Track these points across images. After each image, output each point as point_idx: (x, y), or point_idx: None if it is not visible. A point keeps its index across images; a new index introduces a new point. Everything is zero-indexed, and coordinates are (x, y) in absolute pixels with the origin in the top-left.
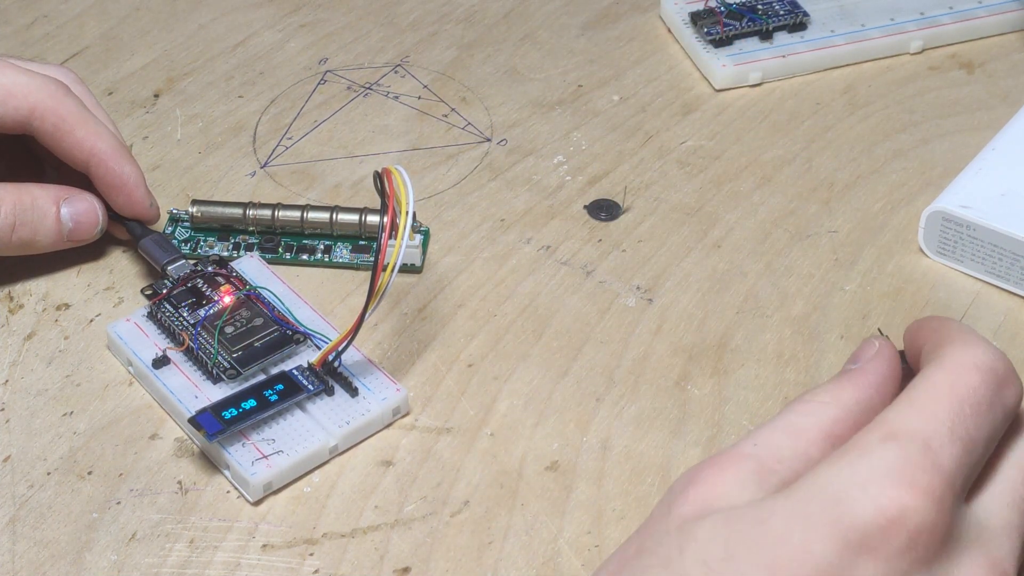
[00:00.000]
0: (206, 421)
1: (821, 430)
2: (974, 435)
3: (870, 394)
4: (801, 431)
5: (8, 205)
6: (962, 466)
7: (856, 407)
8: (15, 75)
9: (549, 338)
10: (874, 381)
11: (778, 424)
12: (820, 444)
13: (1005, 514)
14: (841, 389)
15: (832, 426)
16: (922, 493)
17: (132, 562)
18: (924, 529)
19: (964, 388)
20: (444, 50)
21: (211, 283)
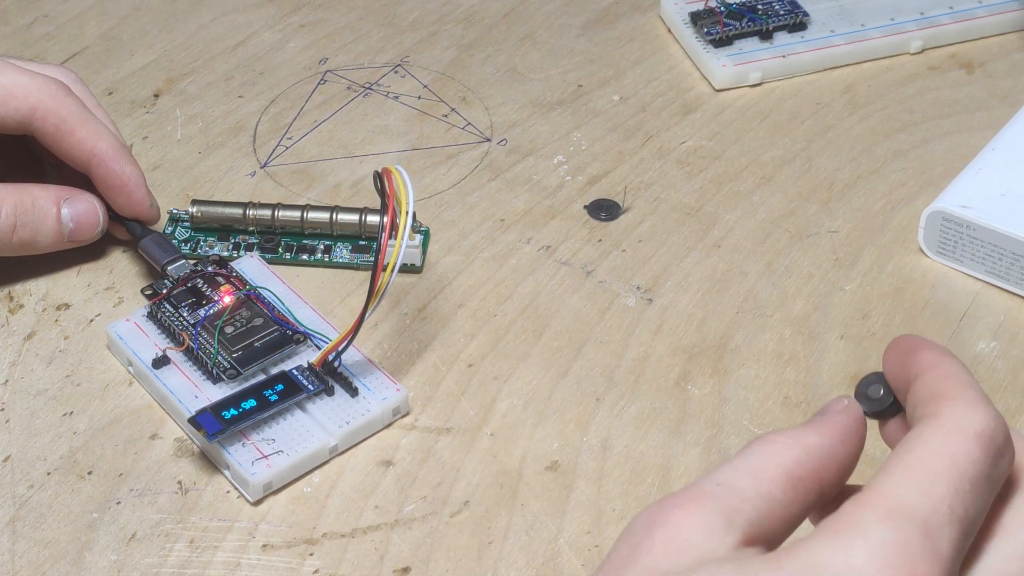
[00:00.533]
0: (206, 421)
1: (783, 470)
2: (972, 514)
3: (833, 442)
4: (763, 470)
5: (9, 206)
6: (959, 550)
7: (818, 451)
8: (16, 75)
9: (549, 338)
10: (839, 431)
11: (739, 464)
12: (782, 484)
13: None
14: (804, 433)
15: (794, 467)
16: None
17: (132, 562)
18: None
19: (965, 461)
20: (444, 50)
21: (211, 283)
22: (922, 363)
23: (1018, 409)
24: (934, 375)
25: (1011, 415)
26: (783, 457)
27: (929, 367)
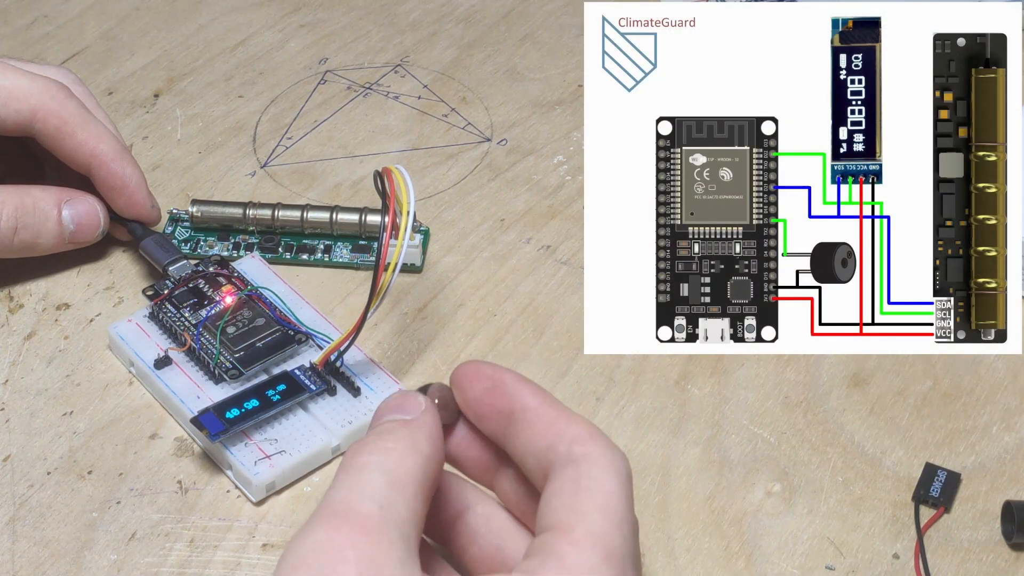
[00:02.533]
0: (208, 421)
1: (416, 480)
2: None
3: (435, 447)
4: (404, 485)
5: (9, 208)
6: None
7: (431, 460)
8: (16, 77)
9: (549, 338)
10: (435, 436)
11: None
12: (420, 496)
13: None
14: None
15: (423, 474)
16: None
17: (132, 562)
18: None
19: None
20: (444, 50)
21: (212, 283)
22: (525, 400)
23: (1018, 409)
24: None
25: (1011, 415)
26: (412, 468)
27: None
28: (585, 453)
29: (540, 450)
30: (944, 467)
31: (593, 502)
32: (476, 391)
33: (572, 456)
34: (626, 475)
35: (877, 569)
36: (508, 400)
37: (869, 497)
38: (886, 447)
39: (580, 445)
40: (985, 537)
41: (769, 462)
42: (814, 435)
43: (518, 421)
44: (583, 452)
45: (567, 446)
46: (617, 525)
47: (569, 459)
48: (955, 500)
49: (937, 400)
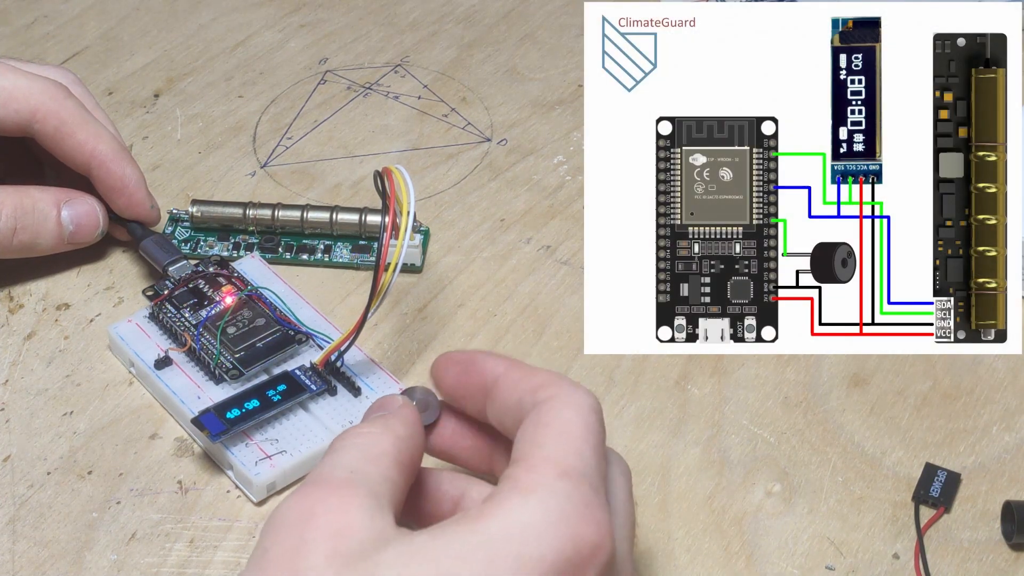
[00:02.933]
0: (209, 422)
1: (391, 457)
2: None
3: (413, 431)
4: (377, 458)
5: (9, 208)
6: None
7: (407, 440)
8: (15, 78)
9: (549, 338)
10: (412, 423)
11: (354, 453)
12: (395, 468)
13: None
14: (390, 425)
15: (396, 453)
16: (606, 531)
17: (132, 562)
18: (610, 559)
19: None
20: (444, 50)
21: (212, 284)
22: (493, 370)
23: (1018, 409)
24: (519, 372)
25: (1011, 415)
26: (385, 446)
27: (505, 370)
28: (548, 395)
29: (512, 408)
30: (944, 467)
31: (550, 433)
32: (451, 377)
33: (536, 401)
34: (587, 407)
35: (877, 569)
36: (480, 375)
37: (869, 497)
38: (886, 447)
39: (544, 390)
40: (985, 537)
41: (769, 462)
42: (814, 435)
43: (492, 391)
44: (546, 395)
45: (532, 395)
46: (575, 450)
47: (534, 404)
48: (955, 500)
49: (937, 400)
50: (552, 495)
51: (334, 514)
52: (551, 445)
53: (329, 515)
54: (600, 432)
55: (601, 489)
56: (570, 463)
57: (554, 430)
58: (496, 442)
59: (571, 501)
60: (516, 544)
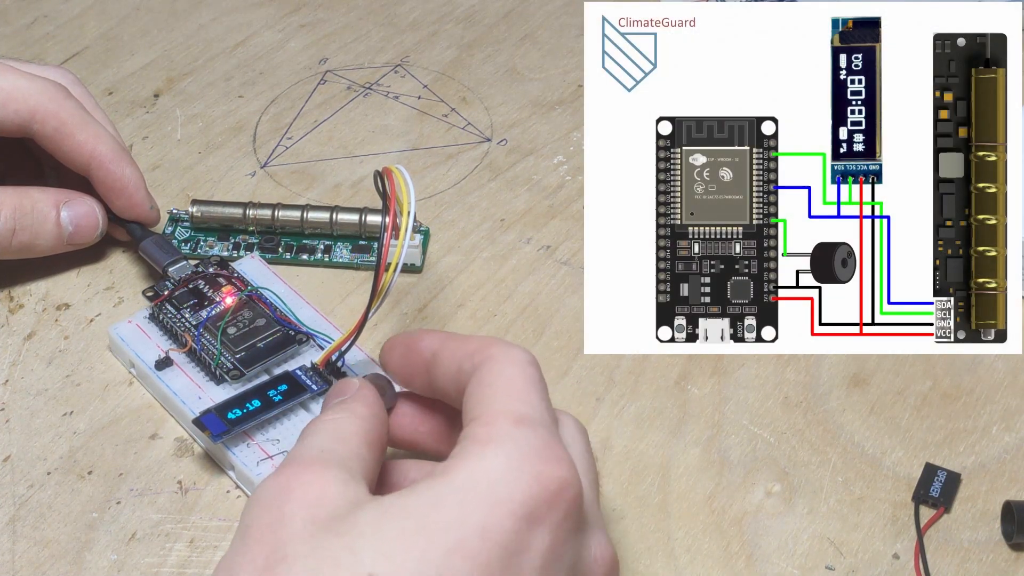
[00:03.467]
0: (210, 422)
1: (360, 436)
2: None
3: (375, 411)
4: (346, 439)
5: (8, 209)
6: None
7: (372, 419)
8: (15, 78)
9: (549, 338)
10: (372, 402)
11: (324, 436)
12: (365, 446)
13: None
14: (354, 409)
15: (364, 432)
16: (569, 466)
17: (132, 562)
18: (577, 497)
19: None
20: (444, 50)
21: (213, 284)
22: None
23: (1018, 409)
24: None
25: (1011, 415)
26: (352, 427)
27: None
28: (485, 357)
29: (454, 375)
30: (944, 467)
31: (496, 389)
32: (396, 359)
33: (475, 364)
34: (525, 361)
35: (877, 569)
36: (420, 352)
37: (869, 497)
38: (886, 447)
39: (480, 353)
40: (985, 537)
41: (769, 462)
42: (814, 435)
43: (433, 365)
44: (483, 357)
45: (470, 359)
46: (523, 400)
47: (473, 368)
48: (955, 500)
49: (937, 400)
50: (511, 441)
51: (309, 487)
52: (500, 399)
53: (304, 488)
54: (542, 382)
55: (556, 433)
56: (522, 411)
57: (500, 387)
58: (454, 423)
59: (531, 444)
60: (484, 489)
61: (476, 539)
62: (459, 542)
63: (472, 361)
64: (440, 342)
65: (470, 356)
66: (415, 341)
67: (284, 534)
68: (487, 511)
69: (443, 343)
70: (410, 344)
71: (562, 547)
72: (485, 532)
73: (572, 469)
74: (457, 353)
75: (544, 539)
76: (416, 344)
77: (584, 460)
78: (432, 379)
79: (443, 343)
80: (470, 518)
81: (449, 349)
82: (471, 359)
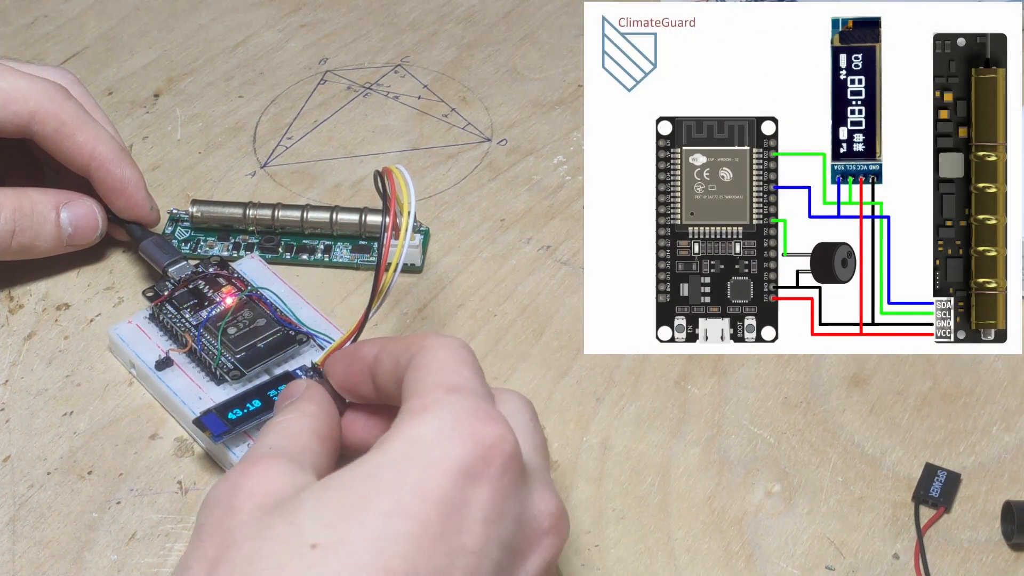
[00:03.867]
0: (211, 422)
1: (309, 432)
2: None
3: (324, 408)
4: (295, 436)
5: (8, 211)
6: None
7: (322, 416)
8: (15, 79)
9: (549, 338)
10: (321, 400)
11: (275, 435)
12: (316, 440)
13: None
14: (305, 407)
15: (315, 427)
16: (502, 424)
17: (132, 562)
18: (514, 452)
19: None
20: (444, 50)
21: (212, 284)
22: (370, 350)
23: (1018, 409)
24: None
25: (1011, 415)
26: (301, 424)
27: (381, 346)
28: (419, 348)
29: (392, 371)
30: (944, 467)
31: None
32: (340, 371)
33: (410, 356)
34: (457, 344)
35: (877, 569)
36: (362, 360)
37: (869, 497)
38: (886, 447)
39: (414, 345)
40: (985, 537)
41: (769, 462)
42: (814, 435)
43: (374, 368)
44: (417, 348)
45: (406, 353)
46: (455, 372)
47: (409, 359)
48: (955, 500)
49: (937, 400)
50: (444, 406)
51: (257, 479)
52: (433, 375)
53: (253, 481)
54: (476, 363)
55: (490, 400)
56: (454, 381)
57: (433, 367)
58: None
59: (463, 407)
60: (419, 452)
61: (414, 499)
62: (396, 504)
63: (408, 353)
64: (379, 345)
65: (406, 349)
66: (355, 350)
67: (232, 524)
68: (422, 472)
69: (382, 346)
70: (351, 354)
71: (503, 501)
72: (422, 492)
73: (506, 426)
74: (394, 350)
75: (483, 494)
76: (356, 352)
77: (528, 428)
78: (375, 381)
79: (382, 346)
80: (406, 480)
81: (387, 349)
82: (407, 352)
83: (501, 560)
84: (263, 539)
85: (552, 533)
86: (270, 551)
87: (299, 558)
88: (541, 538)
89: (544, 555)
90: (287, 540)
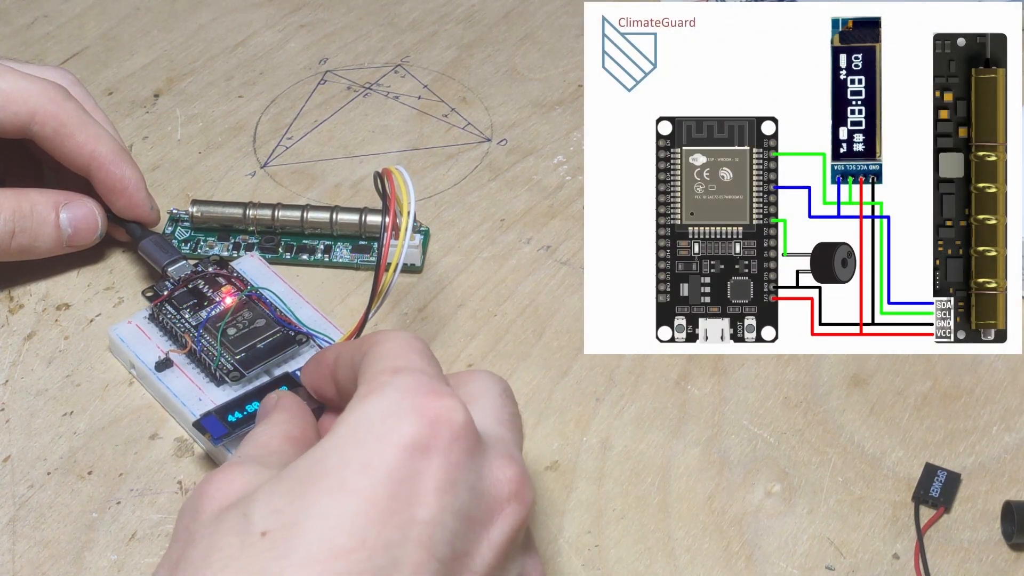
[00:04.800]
0: (211, 425)
1: (280, 434)
2: (441, 375)
3: (295, 412)
4: (265, 443)
5: (7, 212)
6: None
7: (293, 420)
8: (14, 80)
9: (549, 338)
10: (291, 406)
11: (248, 444)
12: (283, 442)
13: (498, 429)
14: (273, 418)
15: (285, 431)
16: (451, 397)
17: (132, 562)
18: (465, 422)
19: (421, 346)
20: (444, 50)
21: (212, 284)
22: (332, 353)
23: (1018, 409)
24: (348, 346)
25: (1011, 415)
26: (271, 431)
27: (339, 349)
28: (371, 344)
29: (349, 368)
30: (944, 467)
31: (375, 359)
32: (308, 375)
33: (363, 352)
34: (408, 336)
35: (877, 569)
36: (326, 364)
37: (869, 497)
38: (886, 447)
39: (367, 343)
40: (985, 537)
41: (769, 462)
42: (814, 435)
43: (335, 370)
44: (370, 344)
45: (360, 350)
46: (402, 356)
47: (363, 355)
48: (955, 500)
49: (937, 400)
50: (390, 386)
51: (220, 483)
52: (379, 362)
53: (215, 486)
54: (426, 349)
55: (440, 379)
56: (399, 364)
57: (380, 356)
58: None
59: (410, 384)
60: (364, 431)
61: (359, 476)
62: (340, 483)
63: (361, 352)
64: (339, 348)
65: (359, 348)
66: (320, 355)
67: (194, 526)
68: (368, 449)
69: (341, 348)
70: (316, 359)
71: (455, 471)
72: (367, 468)
73: (453, 398)
74: (349, 351)
75: (433, 465)
76: (320, 357)
77: (493, 402)
78: (336, 384)
79: (341, 348)
80: (351, 459)
81: (346, 351)
82: (360, 350)
83: (458, 529)
84: (218, 534)
85: (515, 500)
86: (223, 543)
87: (249, 547)
88: (503, 505)
89: (508, 522)
90: (238, 531)
